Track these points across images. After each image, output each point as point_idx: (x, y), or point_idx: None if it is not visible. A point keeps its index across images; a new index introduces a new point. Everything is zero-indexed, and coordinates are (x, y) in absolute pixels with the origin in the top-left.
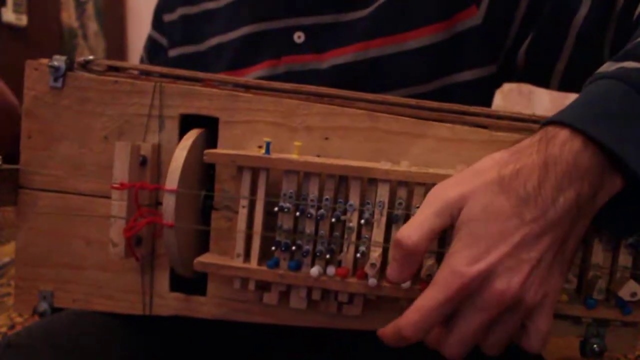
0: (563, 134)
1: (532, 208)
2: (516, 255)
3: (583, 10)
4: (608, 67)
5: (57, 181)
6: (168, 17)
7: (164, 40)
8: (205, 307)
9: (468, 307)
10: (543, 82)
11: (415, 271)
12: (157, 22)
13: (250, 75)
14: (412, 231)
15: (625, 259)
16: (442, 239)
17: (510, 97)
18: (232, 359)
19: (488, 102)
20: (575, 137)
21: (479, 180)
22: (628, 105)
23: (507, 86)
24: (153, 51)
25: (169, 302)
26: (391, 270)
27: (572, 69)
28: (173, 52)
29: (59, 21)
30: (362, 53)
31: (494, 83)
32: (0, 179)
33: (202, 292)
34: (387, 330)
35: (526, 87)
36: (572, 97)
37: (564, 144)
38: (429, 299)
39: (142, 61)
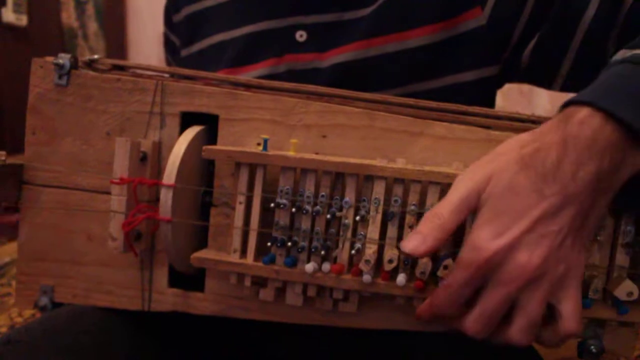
0: (582, 112)
1: (551, 183)
2: (537, 230)
3: (591, 11)
4: (623, 54)
5: (59, 177)
6: (176, 18)
7: (176, 40)
8: (203, 303)
9: (491, 282)
10: (546, 82)
11: (434, 250)
12: (169, 22)
13: (252, 73)
14: (443, 210)
15: (621, 258)
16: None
17: (511, 97)
18: (230, 354)
19: (490, 102)
20: (594, 114)
21: (501, 160)
22: None
23: (507, 86)
24: (170, 50)
25: (167, 298)
26: (412, 240)
27: (576, 70)
28: (184, 52)
29: (59, 21)
30: (364, 51)
31: (496, 83)
32: (4, 174)
33: (201, 288)
34: (424, 309)
35: (526, 87)
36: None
37: (583, 122)
38: (455, 275)
39: (167, 61)
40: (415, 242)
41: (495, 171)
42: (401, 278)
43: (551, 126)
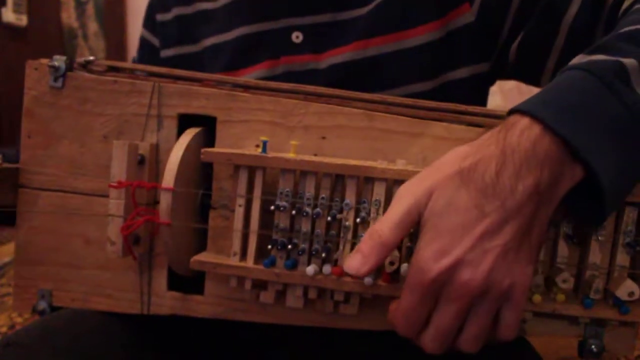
0: (522, 122)
1: (491, 198)
2: (479, 246)
3: (574, 9)
4: (579, 59)
5: (56, 180)
6: (161, 17)
7: (155, 41)
8: (202, 306)
9: (440, 301)
10: (534, 79)
11: (376, 267)
12: (149, 21)
13: (249, 76)
14: (384, 226)
15: (622, 258)
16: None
17: (511, 97)
18: (230, 357)
19: (483, 99)
20: (533, 125)
21: (441, 174)
22: (590, 95)
23: (507, 85)
24: (145, 52)
25: (166, 302)
26: (353, 260)
27: (562, 67)
28: (167, 53)
29: (59, 21)
30: (361, 52)
31: (488, 80)
32: (0, 178)
33: (200, 291)
34: (388, 322)
35: (526, 87)
36: None
37: (523, 132)
38: (406, 299)
39: (134, 62)
40: (357, 263)
41: (436, 186)
42: (403, 280)
43: (492, 136)
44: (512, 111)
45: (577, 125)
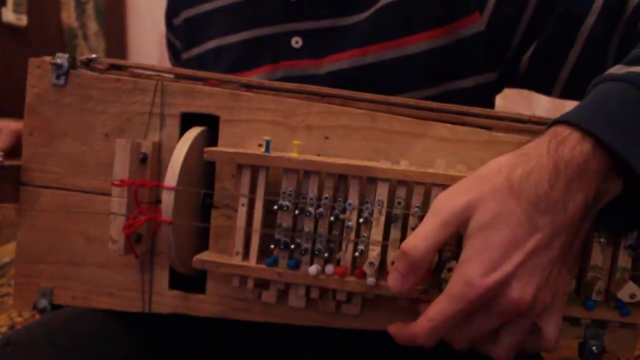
0: (574, 136)
1: (543, 213)
2: (530, 263)
3: (591, 18)
4: (617, 70)
5: (58, 178)
6: (176, 22)
7: (178, 43)
8: (204, 305)
9: (482, 312)
10: (545, 89)
11: (418, 283)
12: (170, 25)
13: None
14: (418, 242)
15: (624, 260)
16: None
17: (511, 98)
18: (232, 356)
19: (489, 107)
20: (585, 139)
21: (486, 186)
22: (633, 108)
23: None
24: (173, 53)
25: (168, 300)
26: (394, 281)
27: (576, 77)
28: (185, 56)
29: (59, 21)
30: (360, 59)
31: (494, 89)
32: (1, 175)
33: (202, 290)
34: (400, 333)
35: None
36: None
37: (575, 147)
38: (443, 309)
39: (171, 64)
40: (398, 283)
41: (481, 198)
42: None
43: (540, 147)
44: (559, 121)
45: (626, 139)
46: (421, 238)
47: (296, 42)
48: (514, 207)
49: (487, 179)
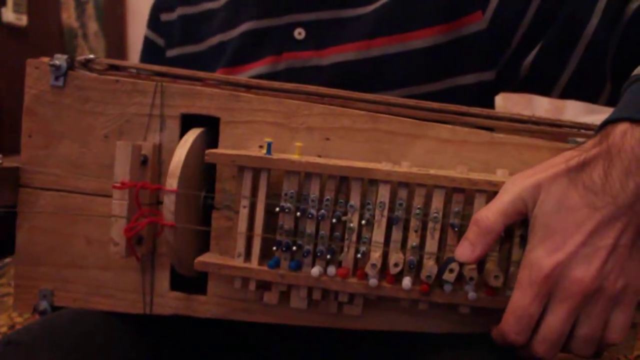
0: (621, 126)
1: (600, 196)
2: (591, 243)
3: (594, 21)
4: None
5: (57, 180)
6: (166, 17)
7: (160, 41)
8: (205, 306)
9: (552, 301)
10: (545, 91)
11: (485, 253)
12: (154, 22)
13: (251, 72)
14: (489, 213)
15: None
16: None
17: (511, 98)
18: (233, 358)
19: (489, 107)
20: (634, 127)
21: (550, 171)
22: None
23: None
24: (150, 52)
25: (169, 302)
26: (464, 249)
27: (576, 79)
28: (172, 53)
29: (59, 21)
30: (365, 52)
31: (492, 89)
32: (1, 177)
33: (203, 291)
34: (494, 335)
35: None
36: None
37: (624, 135)
38: (517, 299)
39: (143, 58)
40: (467, 250)
41: (544, 182)
42: (407, 282)
43: (593, 141)
44: (604, 124)
45: None
46: (493, 210)
47: (299, 33)
48: (572, 193)
49: (552, 166)
